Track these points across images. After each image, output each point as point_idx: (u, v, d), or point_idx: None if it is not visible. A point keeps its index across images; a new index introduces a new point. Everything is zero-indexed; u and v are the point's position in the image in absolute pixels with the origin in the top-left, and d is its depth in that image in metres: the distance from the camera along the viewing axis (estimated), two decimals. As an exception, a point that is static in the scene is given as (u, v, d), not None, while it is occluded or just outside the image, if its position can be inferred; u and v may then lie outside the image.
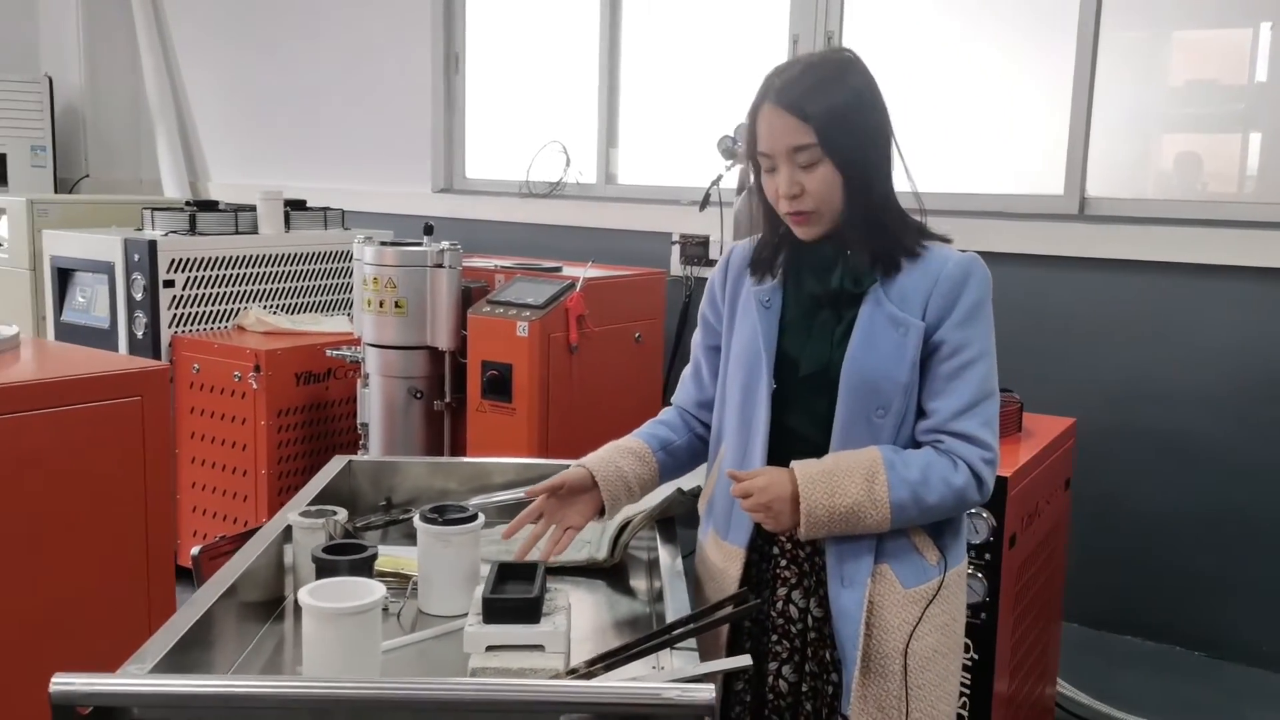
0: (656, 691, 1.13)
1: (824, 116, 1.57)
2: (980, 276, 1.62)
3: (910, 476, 1.56)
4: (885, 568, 1.61)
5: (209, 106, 6.02)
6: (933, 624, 1.62)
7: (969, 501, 1.61)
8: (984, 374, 1.60)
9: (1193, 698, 3.16)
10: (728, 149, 3.76)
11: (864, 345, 1.59)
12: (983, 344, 1.61)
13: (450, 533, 1.68)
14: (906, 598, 1.61)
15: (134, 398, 2.31)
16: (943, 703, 1.65)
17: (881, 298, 1.61)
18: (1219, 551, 3.34)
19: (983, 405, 1.60)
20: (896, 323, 1.59)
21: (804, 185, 1.59)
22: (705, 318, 1.84)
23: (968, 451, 1.58)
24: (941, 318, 1.59)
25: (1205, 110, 3.61)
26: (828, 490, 1.55)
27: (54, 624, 2.16)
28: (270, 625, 1.68)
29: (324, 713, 1.18)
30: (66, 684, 1.09)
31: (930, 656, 1.62)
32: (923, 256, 1.63)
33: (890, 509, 1.55)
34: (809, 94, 1.58)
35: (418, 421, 3.40)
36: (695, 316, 4.42)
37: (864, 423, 1.60)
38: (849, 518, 1.56)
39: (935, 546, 1.63)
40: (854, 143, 1.59)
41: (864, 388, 1.59)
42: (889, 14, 3.98)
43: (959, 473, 1.57)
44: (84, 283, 3.97)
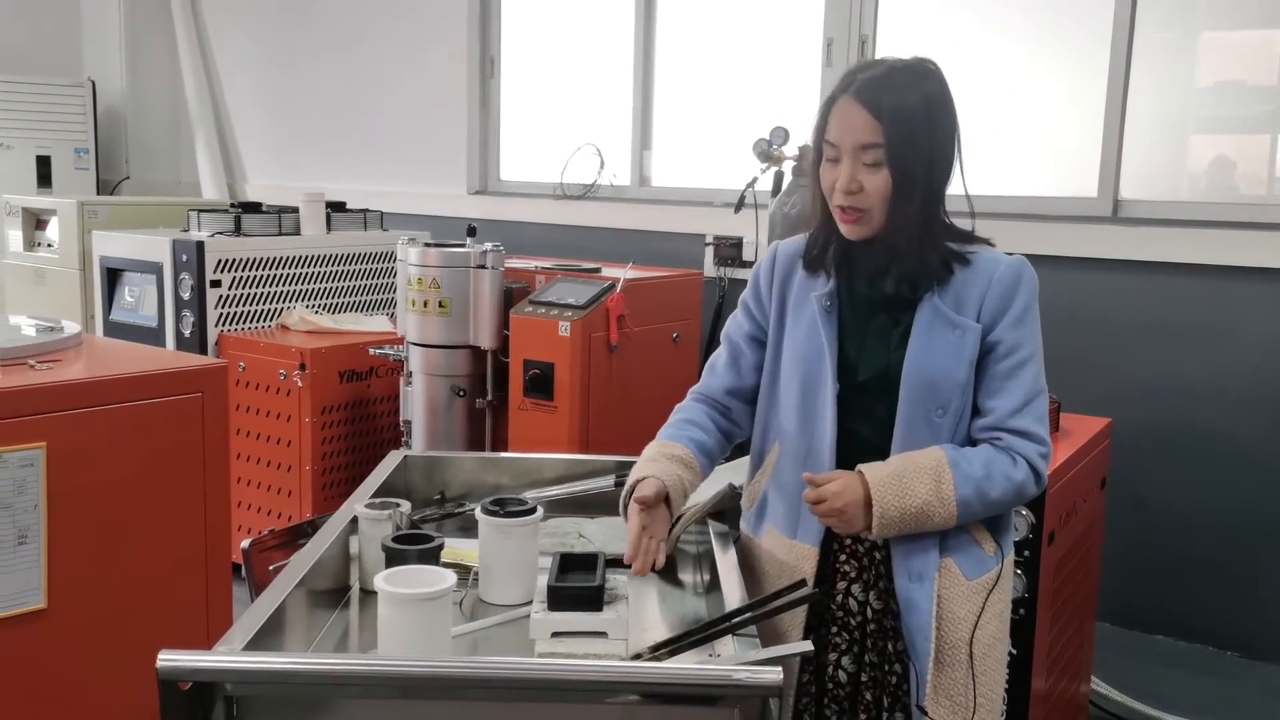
0: (728, 673, 1.19)
1: (895, 121, 1.60)
2: (1030, 279, 1.68)
3: (974, 474, 1.62)
4: (950, 561, 1.67)
5: (247, 109, 6.12)
6: (992, 613, 1.69)
7: (1027, 494, 1.67)
8: (1036, 373, 1.67)
9: (1225, 697, 3.18)
10: (763, 152, 3.80)
11: (923, 348, 1.65)
12: (1034, 344, 1.67)
13: (511, 524, 1.74)
14: (970, 589, 1.67)
15: (195, 394, 2.38)
16: (999, 686, 1.74)
17: (937, 301, 1.66)
18: (1250, 552, 3.37)
19: (1036, 402, 1.66)
20: (953, 325, 1.65)
21: (863, 184, 1.63)
22: (748, 307, 1.86)
23: (1025, 447, 1.64)
24: (996, 319, 1.65)
25: (1235, 111, 3.64)
26: (898, 492, 1.61)
27: (118, 615, 2.22)
28: (338, 612, 1.75)
29: (406, 690, 1.24)
30: (172, 660, 1.16)
31: (990, 644, 1.69)
32: (973, 261, 1.68)
33: (957, 506, 1.61)
34: (888, 96, 1.61)
35: (460, 419, 3.47)
36: (729, 317, 4.47)
37: (924, 423, 1.65)
38: (919, 517, 1.62)
39: (992, 538, 1.70)
40: (916, 154, 1.62)
41: (924, 389, 1.65)
42: (923, 17, 4.02)
43: (1018, 468, 1.64)
44: (132, 282, 4.06)
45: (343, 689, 1.25)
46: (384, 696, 1.26)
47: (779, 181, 3.83)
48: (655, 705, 1.26)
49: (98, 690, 2.19)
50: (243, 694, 1.24)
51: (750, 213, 3.91)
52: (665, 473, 1.75)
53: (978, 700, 1.66)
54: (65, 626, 2.13)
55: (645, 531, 1.71)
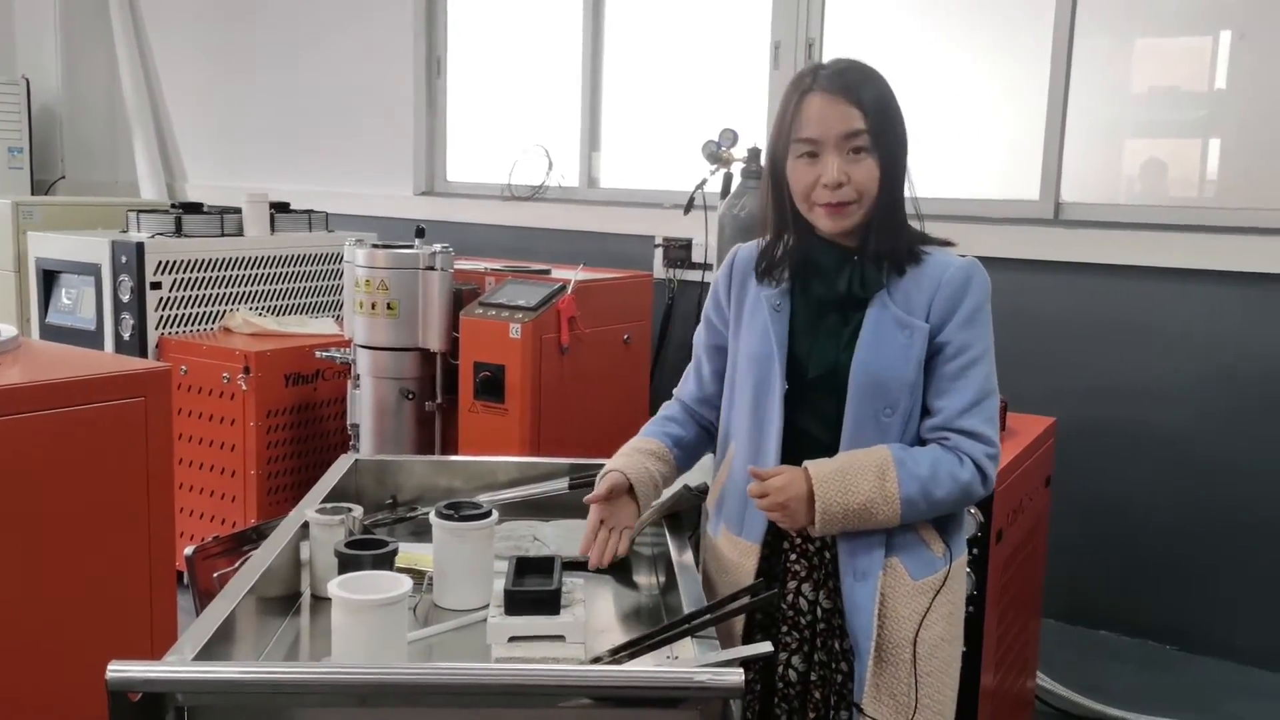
0: (689, 675, 1.19)
1: (875, 106, 1.63)
2: (980, 280, 1.69)
3: (920, 473, 1.62)
4: (895, 561, 1.68)
5: (187, 108, 6.01)
6: (939, 613, 1.69)
7: (974, 495, 1.67)
8: (985, 373, 1.67)
9: (1165, 689, 3.25)
10: (712, 154, 3.82)
11: (872, 347, 1.66)
12: (984, 344, 1.68)
13: (466, 528, 1.72)
14: (915, 589, 1.67)
15: (138, 398, 2.33)
16: (947, 688, 1.72)
17: (887, 301, 1.67)
18: (1189, 548, 3.45)
19: (985, 403, 1.66)
20: (902, 325, 1.66)
21: (850, 174, 1.64)
22: (709, 318, 1.89)
23: (972, 447, 1.65)
24: (945, 320, 1.66)
25: (1168, 116, 3.73)
26: (841, 488, 1.62)
27: (59, 626, 2.17)
28: (289, 620, 1.72)
29: (364, 698, 1.22)
30: (123, 671, 1.13)
31: (937, 644, 1.69)
32: (925, 262, 1.69)
33: (900, 504, 1.62)
34: (861, 85, 1.64)
35: (409, 422, 3.44)
36: (678, 319, 4.50)
37: (872, 422, 1.66)
38: (862, 514, 1.62)
39: (941, 539, 1.70)
40: (893, 139, 1.66)
41: (872, 388, 1.66)
42: (868, 22, 4.06)
43: (965, 468, 1.64)
44: (70, 284, 3.97)
45: (298, 698, 1.23)
46: (341, 705, 1.24)
47: (728, 183, 3.85)
48: (616, 709, 1.26)
49: (40, 702, 2.13)
50: (194, 704, 1.21)
51: (699, 214, 3.92)
52: (630, 466, 1.78)
53: (919, 700, 1.67)
54: (4, 638, 2.08)
55: (603, 524, 1.73)
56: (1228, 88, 3.55)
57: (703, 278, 4.11)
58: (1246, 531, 3.37)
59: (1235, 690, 3.27)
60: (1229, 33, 3.52)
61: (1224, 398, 3.38)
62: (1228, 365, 3.37)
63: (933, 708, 1.70)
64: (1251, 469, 3.35)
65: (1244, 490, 3.37)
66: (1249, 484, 3.36)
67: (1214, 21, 3.57)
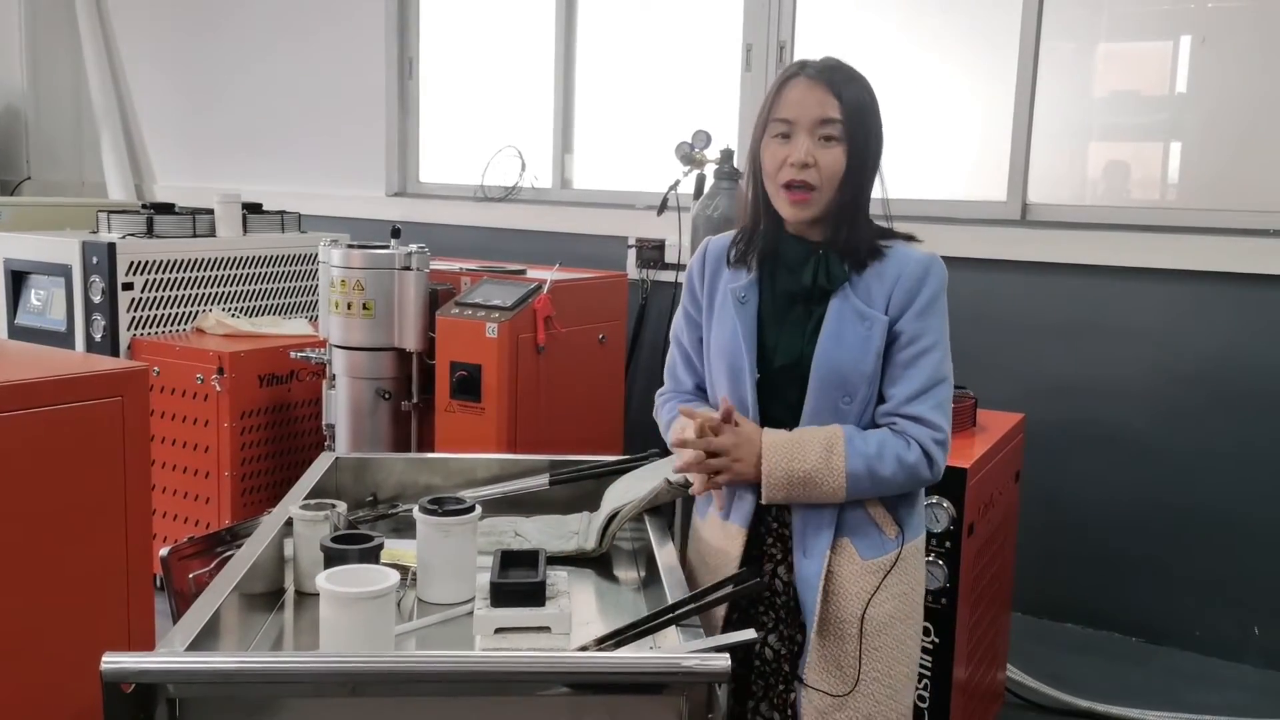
0: (676, 660, 1.21)
1: (853, 101, 1.71)
2: (938, 273, 1.75)
3: (867, 450, 1.69)
4: (845, 541, 1.75)
5: (155, 109, 5.97)
6: (890, 593, 1.75)
7: (920, 478, 1.73)
8: (937, 361, 1.74)
9: (1131, 680, 3.32)
10: (685, 155, 3.85)
11: (833, 339, 1.72)
12: (936, 334, 1.74)
13: (450, 523, 1.74)
14: (865, 568, 1.74)
15: (115, 398, 2.32)
16: (899, 664, 1.78)
17: (849, 294, 1.74)
18: (1154, 542, 3.52)
19: (935, 390, 1.73)
20: (862, 317, 1.73)
21: (817, 158, 1.70)
22: (686, 310, 1.93)
23: (919, 432, 1.71)
24: (902, 311, 1.73)
25: (1131, 120, 3.81)
26: (789, 455, 1.69)
27: (35, 628, 2.16)
28: (273, 615, 1.73)
29: (355, 687, 1.24)
30: (117, 662, 1.14)
31: (887, 622, 1.75)
32: (887, 256, 1.76)
33: (846, 478, 1.68)
34: (845, 80, 1.73)
35: (385, 422, 3.44)
36: (652, 319, 4.52)
37: (831, 410, 1.74)
38: (806, 483, 1.69)
39: (894, 521, 1.76)
40: (866, 136, 1.73)
41: (832, 379, 1.73)
42: (839, 25, 4.11)
43: (911, 451, 1.71)
44: (39, 285, 3.93)
45: (289, 688, 1.24)
46: (331, 695, 1.26)
47: (701, 184, 3.88)
48: (603, 696, 1.28)
49: (16, 703, 2.12)
50: (186, 696, 1.22)
51: (673, 215, 3.96)
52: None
53: (863, 673, 1.73)
54: (-19, 639, 2.07)
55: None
56: (1189, 92, 3.63)
57: (676, 278, 4.14)
58: (1207, 525, 3.44)
59: (1197, 681, 3.34)
60: (1189, 38, 3.60)
61: (1184, 394, 3.45)
62: (1188, 362, 3.45)
63: (881, 681, 1.76)
64: (1213, 464, 3.42)
65: (1204, 485, 3.44)
66: (1209, 479, 3.43)
67: (1175, 27, 3.65)
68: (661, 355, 4.23)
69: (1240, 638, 3.43)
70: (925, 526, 1.87)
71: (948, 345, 1.77)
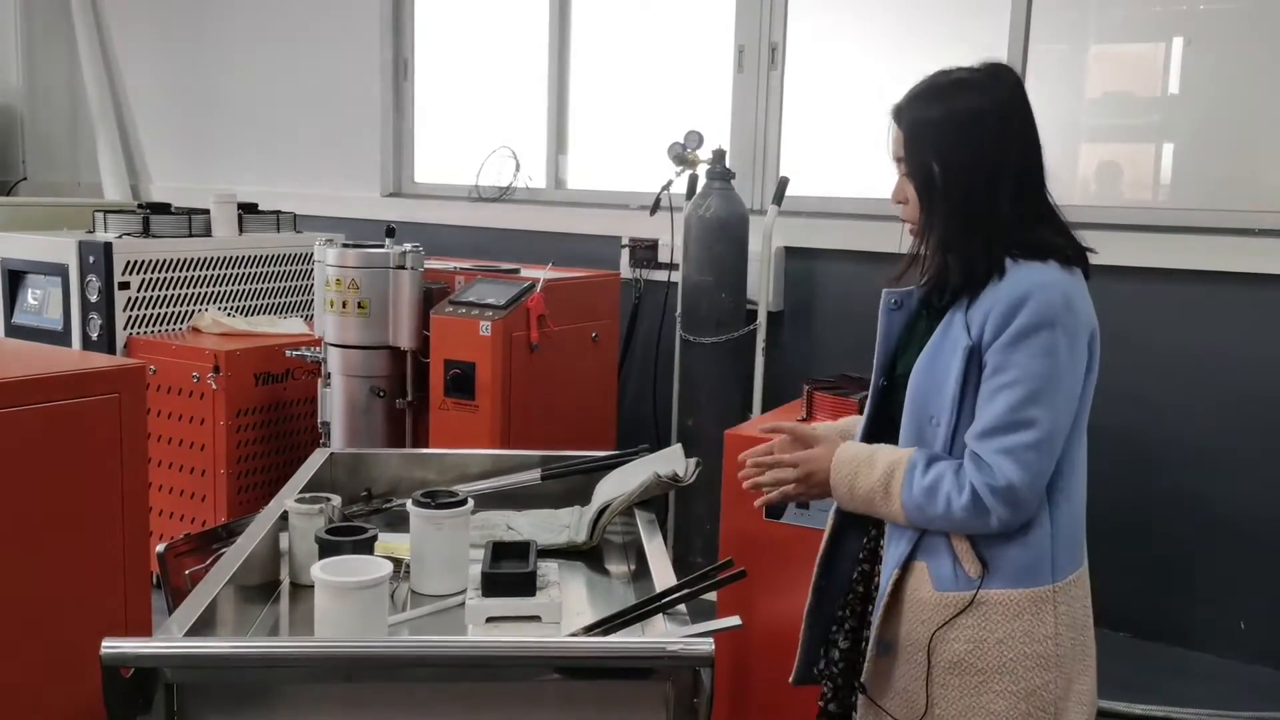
0: (662, 645, 1.25)
1: (910, 131, 1.68)
2: (1040, 303, 1.58)
3: (924, 483, 1.62)
4: (920, 565, 1.68)
5: (151, 109, 5.98)
6: (964, 634, 1.64)
7: (972, 524, 1.61)
8: (1015, 402, 1.58)
9: (1119, 675, 3.34)
10: (678, 155, 3.89)
11: (927, 358, 1.69)
12: (1023, 371, 1.58)
13: (443, 516, 1.77)
14: (936, 599, 1.66)
15: (112, 395, 2.34)
16: (976, 715, 1.65)
17: (957, 314, 1.66)
18: (1139, 537, 3.55)
19: (1008, 434, 1.58)
20: (955, 339, 1.65)
21: (906, 195, 1.71)
22: None
23: (974, 474, 1.59)
24: (992, 338, 1.61)
25: (1122, 121, 3.84)
26: (850, 474, 1.69)
27: (32, 625, 2.17)
28: (269, 606, 1.76)
29: (350, 672, 1.27)
30: (116, 647, 1.17)
31: (957, 663, 1.65)
32: (1006, 276, 1.63)
33: (902, 506, 1.64)
34: (910, 110, 1.69)
35: (379, 420, 3.47)
36: (645, 318, 4.54)
37: (919, 429, 1.69)
38: (866, 502, 1.69)
39: (976, 558, 1.64)
40: (923, 162, 1.66)
41: (919, 398, 1.69)
42: (830, 27, 4.14)
43: (962, 495, 1.60)
44: (36, 285, 3.96)
45: (284, 673, 1.27)
46: (326, 680, 1.29)
47: (693, 184, 3.92)
48: (590, 681, 1.31)
49: (14, 700, 2.14)
50: (183, 681, 1.25)
51: (665, 215, 3.99)
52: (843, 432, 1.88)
53: (932, 705, 1.66)
54: (-22, 635, 2.09)
55: None
56: (1180, 93, 3.66)
57: (669, 277, 4.17)
58: (1193, 521, 3.47)
59: (1184, 675, 3.37)
60: (1180, 39, 3.63)
61: (1173, 392, 3.49)
62: (1178, 360, 3.48)
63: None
64: (1200, 461, 3.45)
65: (1190, 482, 3.47)
66: (1196, 476, 3.46)
67: (1166, 29, 3.68)
68: (654, 354, 4.28)
69: (1227, 632, 3.46)
70: (1036, 580, 1.65)
71: (1043, 387, 1.58)
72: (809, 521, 2.45)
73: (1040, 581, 1.65)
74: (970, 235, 1.64)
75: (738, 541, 2.54)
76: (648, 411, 4.28)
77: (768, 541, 2.50)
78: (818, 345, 4.02)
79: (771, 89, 4.18)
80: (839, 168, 4.06)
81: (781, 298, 4.03)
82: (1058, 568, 1.66)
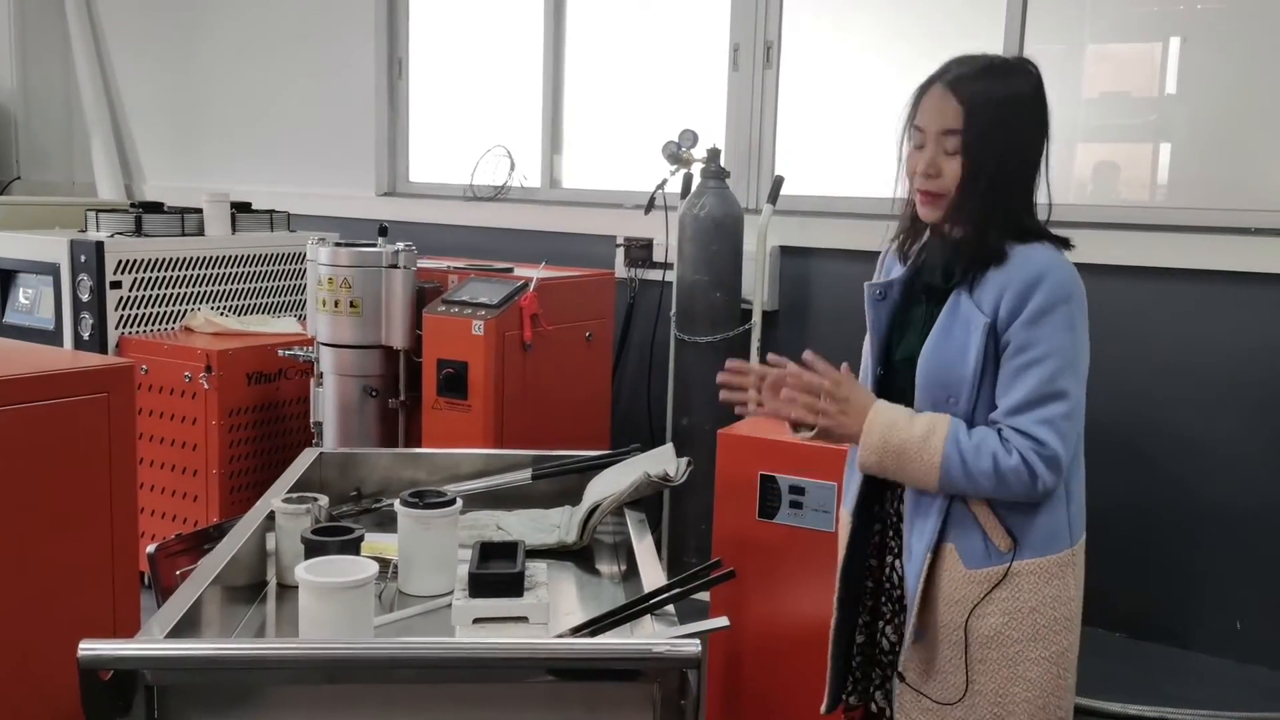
0: (647, 646, 1.23)
1: (975, 111, 1.68)
2: (1054, 281, 1.67)
3: (966, 441, 1.66)
4: (949, 547, 1.72)
5: (145, 109, 5.97)
6: (1000, 607, 1.69)
7: (1016, 486, 1.65)
8: (1046, 375, 1.65)
9: (1115, 675, 3.33)
10: (672, 154, 3.88)
11: (938, 340, 1.72)
12: (1048, 345, 1.65)
13: (431, 516, 1.76)
14: (968, 577, 1.70)
15: (100, 394, 2.33)
16: (1015, 684, 1.70)
17: (963, 295, 1.71)
18: (1135, 537, 3.54)
19: (1043, 405, 1.65)
20: (968, 320, 1.69)
21: (941, 168, 1.70)
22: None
23: (1021, 443, 1.65)
24: (1011, 317, 1.66)
25: (1119, 121, 3.82)
26: (889, 424, 1.69)
27: (19, 625, 2.16)
28: (255, 607, 1.74)
29: (333, 674, 1.25)
30: (94, 649, 1.15)
31: (994, 637, 1.70)
32: (1011, 258, 1.69)
33: (941, 458, 1.65)
34: (975, 86, 1.70)
35: (372, 419, 3.45)
36: (640, 317, 4.52)
37: (933, 408, 1.72)
38: (900, 454, 1.67)
39: (1006, 533, 1.69)
40: (989, 147, 1.69)
41: (934, 379, 1.72)
42: (826, 25, 4.13)
43: (1010, 456, 1.64)
44: (28, 284, 3.94)
45: (267, 675, 1.25)
46: (309, 682, 1.27)
47: (688, 183, 3.90)
48: (577, 683, 1.30)
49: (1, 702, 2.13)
50: (164, 683, 1.23)
51: (660, 214, 3.97)
52: None
53: (971, 685, 1.69)
54: (-36, 635, 2.07)
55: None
56: (1177, 92, 3.65)
57: (663, 277, 4.15)
58: (1189, 521, 3.46)
59: (1180, 675, 3.36)
60: (1178, 39, 3.62)
61: (1168, 391, 3.47)
62: (1173, 359, 3.47)
63: (988, 697, 1.71)
64: (1196, 460, 3.44)
65: (1186, 481, 3.46)
66: (1192, 475, 3.45)
67: (1163, 28, 3.67)
68: (649, 353, 4.27)
69: (1223, 632, 3.45)
70: (1059, 546, 1.74)
71: (1069, 359, 1.67)
72: (801, 521, 2.44)
73: (1062, 547, 1.73)
74: (1007, 213, 1.71)
75: (730, 541, 2.53)
76: (642, 411, 4.26)
77: (760, 541, 2.48)
78: (812, 345, 3.95)
79: (766, 88, 4.16)
80: (834, 167, 4.05)
81: (776, 297, 4.01)
82: (1074, 531, 1.76)
